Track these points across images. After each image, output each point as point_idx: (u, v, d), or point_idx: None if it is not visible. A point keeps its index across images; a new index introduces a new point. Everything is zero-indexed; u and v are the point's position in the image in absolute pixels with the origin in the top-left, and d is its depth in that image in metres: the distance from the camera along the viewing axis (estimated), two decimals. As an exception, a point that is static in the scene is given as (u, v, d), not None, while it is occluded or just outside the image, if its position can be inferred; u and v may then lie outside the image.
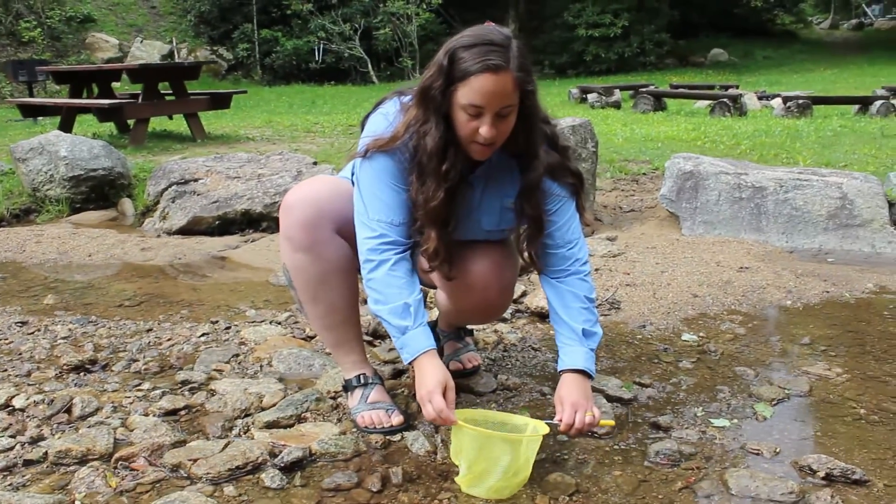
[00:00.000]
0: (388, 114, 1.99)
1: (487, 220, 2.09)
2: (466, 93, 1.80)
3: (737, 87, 15.27)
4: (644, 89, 13.68)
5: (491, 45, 1.78)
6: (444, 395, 1.85)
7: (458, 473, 1.85)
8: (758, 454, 2.01)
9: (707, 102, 12.62)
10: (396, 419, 2.14)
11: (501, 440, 1.79)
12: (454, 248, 2.06)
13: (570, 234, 2.08)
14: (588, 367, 2.01)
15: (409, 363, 1.94)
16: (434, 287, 2.41)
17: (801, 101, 11.31)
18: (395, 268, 1.95)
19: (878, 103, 10.98)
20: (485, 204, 2.07)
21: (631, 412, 2.28)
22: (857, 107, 11.51)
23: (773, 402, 2.33)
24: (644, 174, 6.06)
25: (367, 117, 2.06)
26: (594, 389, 2.35)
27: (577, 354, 2.02)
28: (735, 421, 2.21)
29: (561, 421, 1.93)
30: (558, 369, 2.05)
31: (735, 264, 3.82)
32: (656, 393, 2.42)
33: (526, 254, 2.09)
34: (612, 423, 2.12)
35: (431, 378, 1.88)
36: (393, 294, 1.94)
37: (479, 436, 1.79)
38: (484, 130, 1.82)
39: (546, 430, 1.87)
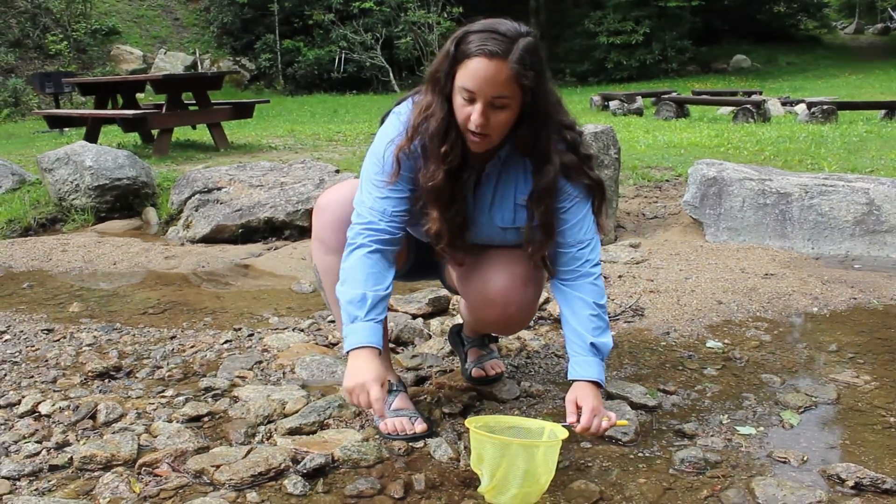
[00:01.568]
0: (402, 113, 2.01)
1: (501, 217, 2.07)
2: (462, 75, 1.81)
3: (760, 93, 15.14)
4: (666, 96, 13.60)
5: (496, 33, 1.79)
6: (376, 392, 1.86)
7: (479, 482, 1.83)
8: (785, 462, 1.98)
9: (730, 109, 12.53)
10: (420, 426, 2.13)
11: (520, 447, 1.78)
12: (475, 251, 2.08)
13: (582, 234, 2.06)
14: (600, 378, 2.00)
15: (346, 353, 1.94)
16: (457, 293, 2.40)
17: (825, 107, 11.19)
18: (371, 256, 1.96)
19: (904, 108, 10.85)
20: (497, 200, 2.06)
21: (655, 419, 2.25)
22: (883, 112, 11.37)
23: (800, 410, 2.30)
24: (667, 181, 6.03)
25: (385, 117, 2.09)
26: (618, 397, 2.34)
27: (589, 366, 2.00)
28: (761, 429, 2.19)
29: (577, 423, 1.92)
30: (570, 377, 2.04)
31: (760, 271, 3.78)
32: (681, 400, 2.39)
33: (536, 258, 2.07)
34: (626, 422, 2.10)
35: (371, 369, 1.88)
36: (357, 280, 1.94)
37: (498, 443, 1.78)
38: (474, 116, 1.82)
39: (565, 434, 1.85)
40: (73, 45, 19.72)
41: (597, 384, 2.00)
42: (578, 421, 1.92)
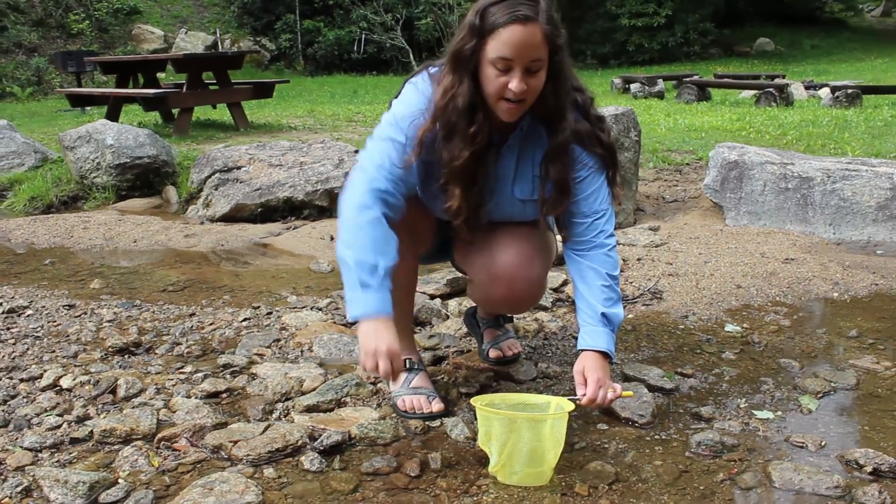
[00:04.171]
0: (418, 83, 2.00)
1: (521, 189, 2.07)
2: (496, 46, 1.80)
3: (783, 76, 14.96)
4: (688, 79, 13.46)
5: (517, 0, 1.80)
6: (395, 356, 1.84)
7: (489, 461, 1.84)
8: (802, 447, 1.97)
9: (752, 92, 12.39)
10: (437, 406, 2.14)
11: (526, 421, 1.79)
12: (486, 230, 2.07)
13: (598, 204, 2.06)
14: (610, 349, 2.01)
15: (357, 319, 1.87)
16: (465, 273, 2.39)
17: (850, 91, 11.04)
18: (378, 222, 1.88)
19: (931, 93, 10.68)
20: (519, 173, 2.05)
21: (672, 402, 2.25)
22: (908, 97, 11.22)
23: (819, 395, 2.29)
24: (687, 164, 5.98)
25: (397, 96, 2.07)
26: (636, 379, 2.34)
27: (599, 336, 2.00)
28: (779, 413, 2.17)
29: (584, 396, 1.93)
30: (578, 347, 2.04)
31: (780, 255, 3.75)
32: (698, 383, 2.38)
33: (550, 218, 2.08)
34: (632, 393, 2.11)
35: (388, 338, 1.83)
36: (366, 246, 1.85)
37: (504, 419, 1.79)
38: (514, 85, 1.81)
39: (571, 406, 1.85)
40: (95, 25, 19.77)
41: (605, 355, 2.00)
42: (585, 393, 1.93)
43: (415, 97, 1.98)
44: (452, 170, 1.93)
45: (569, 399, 1.90)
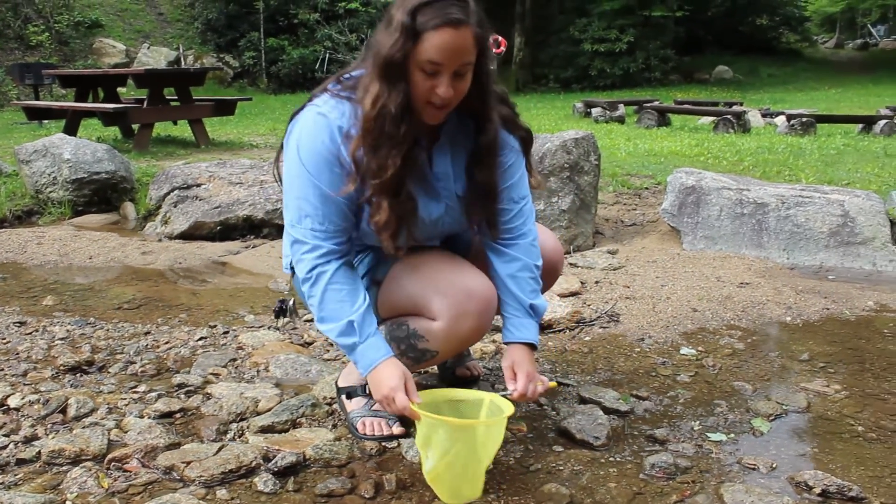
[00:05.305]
0: (320, 107, 1.87)
1: (459, 186, 1.99)
2: (426, 49, 1.70)
3: (741, 104, 15.25)
4: (648, 104, 13.66)
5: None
6: (406, 387, 1.85)
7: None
8: (754, 469, 2.00)
9: (711, 119, 12.61)
10: (397, 429, 2.13)
11: (474, 428, 1.78)
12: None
13: (524, 189, 2.06)
14: (536, 340, 2.04)
15: (365, 376, 1.92)
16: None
17: (804, 119, 11.30)
18: (334, 279, 1.88)
19: (881, 123, 10.96)
20: (455, 169, 1.98)
21: (627, 424, 2.27)
22: (860, 126, 11.50)
23: (771, 418, 2.32)
24: (646, 188, 6.06)
25: (289, 132, 1.94)
26: (591, 401, 2.35)
27: (527, 328, 2.02)
28: (732, 435, 2.20)
29: (514, 390, 1.95)
30: (505, 340, 2.05)
31: (735, 280, 3.82)
32: (653, 406, 2.41)
33: (476, 227, 2.02)
34: (555, 384, 2.15)
35: (391, 377, 1.85)
36: (335, 311, 1.87)
37: (450, 426, 1.76)
38: (441, 90, 1.74)
39: (511, 410, 1.83)
40: (55, 37, 19.52)
41: (532, 346, 2.03)
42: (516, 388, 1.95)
43: (322, 122, 1.85)
44: (383, 181, 1.80)
45: (502, 395, 1.92)
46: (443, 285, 1.96)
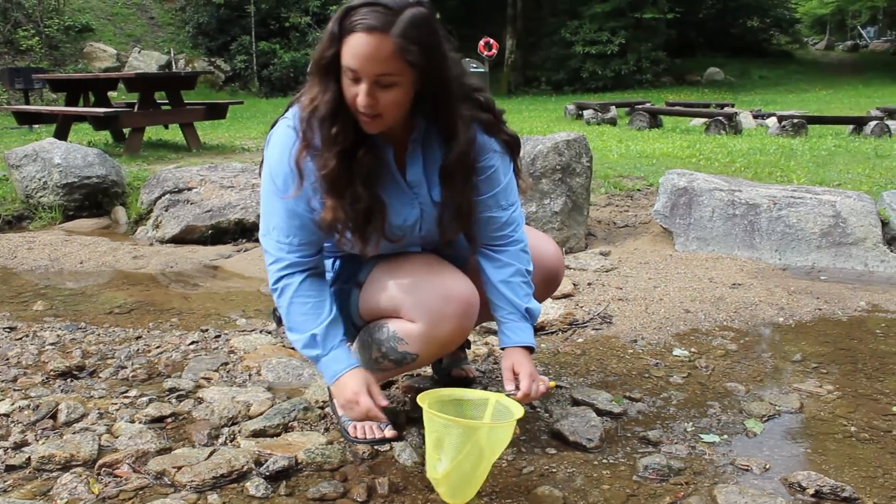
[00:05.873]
0: (288, 119, 1.88)
1: (436, 192, 1.95)
2: (345, 53, 1.67)
3: (732, 105, 15.32)
4: (640, 106, 13.70)
5: (378, 6, 1.64)
6: (370, 391, 1.89)
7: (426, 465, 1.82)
8: (747, 470, 2.00)
9: (703, 120, 12.65)
10: (390, 433, 2.12)
11: (488, 429, 1.77)
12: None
13: (512, 195, 2.04)
14: (533, 343, 2.07)
15: (330, 386, 1.97)
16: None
17: (795, 121, 11.35)
18: (299, 291, 1.92)
19: (872, 124, 11.02)
20: (430, 177, 1.94)
21: (620, 426, 2.26)
22: (851, 127, 11.56)
23: (764, 419, 2.32)
24: (638, 190, 6.07)
25: (266, 142, 1.94)
26: (584, 403, 2.35)
27: (524, 331, 2.05)
28: (725, 437, 2.20)
29: (517, 391, 1.97)
30: (502, 345, 2.07)
31: (728, 281, 3.82)
32: (646, 407, 2.40)
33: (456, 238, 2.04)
34: (555, 384, 2.20)
35: (354, 382, 1.89)
36: (300, 323, 1.93)
37: (463, 428, 1.74)
38: (360, 98, 1.68)
39: (521, 411, 1.83)
40: (45, 42, 19.46)
41: (530, 349, 2.06)
42: (517, 388, 1.98)
43: (284, 134, 1.85)
44: (323, 179, 1.79)
45: (506, 394, 1.94)
46: (422, 287, 1.94)
